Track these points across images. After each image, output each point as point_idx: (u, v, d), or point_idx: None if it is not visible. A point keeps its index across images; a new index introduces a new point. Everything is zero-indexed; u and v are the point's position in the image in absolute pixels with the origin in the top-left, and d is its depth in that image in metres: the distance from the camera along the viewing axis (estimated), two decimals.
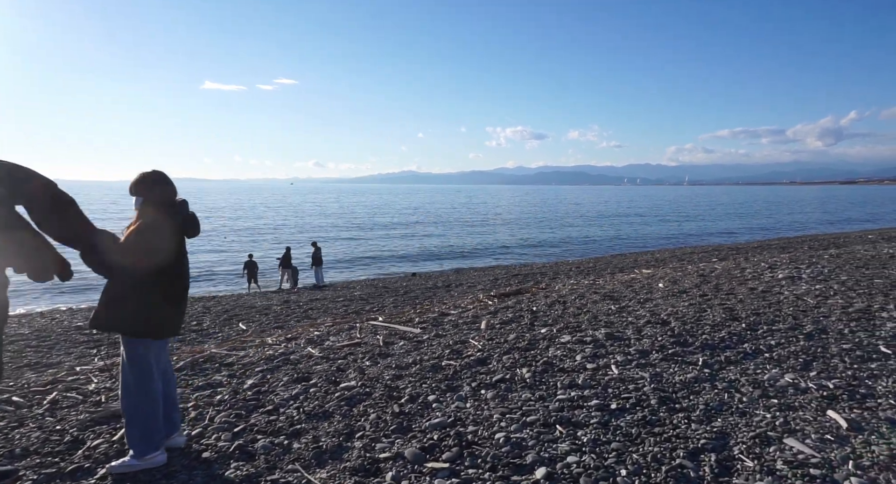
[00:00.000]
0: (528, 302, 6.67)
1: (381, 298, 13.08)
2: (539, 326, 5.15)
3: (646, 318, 5.22)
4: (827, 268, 8.04)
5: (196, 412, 3.06)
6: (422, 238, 32.30)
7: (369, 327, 5.48)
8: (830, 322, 4.79)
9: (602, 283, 8.58)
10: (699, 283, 7.49)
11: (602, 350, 4.18)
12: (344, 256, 24.90)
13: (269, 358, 4.31)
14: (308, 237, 31.86)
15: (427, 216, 51.93)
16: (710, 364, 3.84)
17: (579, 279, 12.03)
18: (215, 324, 10.68)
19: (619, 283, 8.09)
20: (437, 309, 6.63)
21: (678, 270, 9.81)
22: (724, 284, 7.20)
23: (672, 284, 7.59)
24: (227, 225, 41.17)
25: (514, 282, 13.94)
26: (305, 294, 15.05)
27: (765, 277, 7.51)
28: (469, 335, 4.88)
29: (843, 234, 25.87)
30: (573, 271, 15.50)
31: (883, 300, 5.54)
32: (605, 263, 17.75)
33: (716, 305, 5.66)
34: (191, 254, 2.84)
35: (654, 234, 33.92)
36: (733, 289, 6.77)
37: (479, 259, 23.90)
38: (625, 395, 3.27)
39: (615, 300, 6.37)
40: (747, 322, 4.88)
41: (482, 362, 3.99)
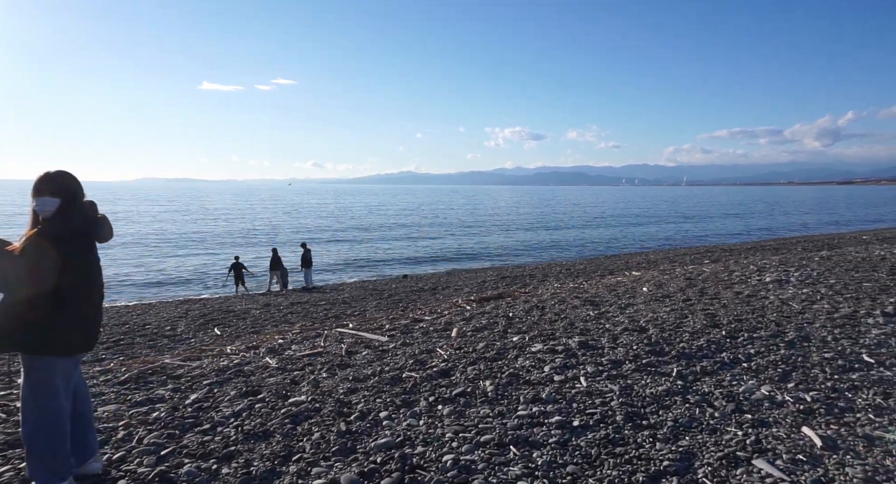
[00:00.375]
0: (507, 307, 6.51)
1: (365, 302, 12.88)
2: (512, 333, 4.98)
3: (624, 324, 5.07)
4: (816, 271, 7.94)
5: (125, 432, 2.86)
6: (418, 239, 32.21)
7: (336, 335, 5.29)
8: (814, 329, 4.66)
9: (586, 286, 8.43)
10: (684, 287, 7.37)
11: (573, 360, 4.02)
12: (339, 258, 24.71)
13: (222, 369, 4.12)
14: (303, 239, 31.73)
15: (424, 217, 51.84)
16: (684, 375, 3.69)
17: (566, 282, 11.89)
18: (190, 329, 10.43)
19: (604, 286, 7.95)
20: (412, 315, 6.45)
21: (666, 272, 9.69)
22: (710, 288, 7.07)
23: (657, 287, 7.46)
24: (218, 227, 40.79)
25: (502, 285, 13.78)
26: (291, 297, 14.83)
27: (752, 281, 7.40)
28: (438, 344, 4.71)
29: (837, 234, 25.96)
30: (563, 274, 15.37)
31: (870, 305, 5.43)
32: (597, 264, 17.64)
33: (698, 311, 5.52)
34: (180, 256, 2.63)
35: (649, 236, 33.93)
36: (718, 293, 6.65)
37: (474, 261, 23.80)
38: (590, 410, 3.11)
39: (595, 305, 6.22)
40: (728, 329, 4.74)
41: (445, 374, 3.82)
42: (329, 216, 54.42)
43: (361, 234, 35.75)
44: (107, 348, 8.83)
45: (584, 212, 61.53)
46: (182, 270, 21.36)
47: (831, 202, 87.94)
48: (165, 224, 43.14)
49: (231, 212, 59.56)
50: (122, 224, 42.79)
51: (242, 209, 66.03)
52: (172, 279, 19.47)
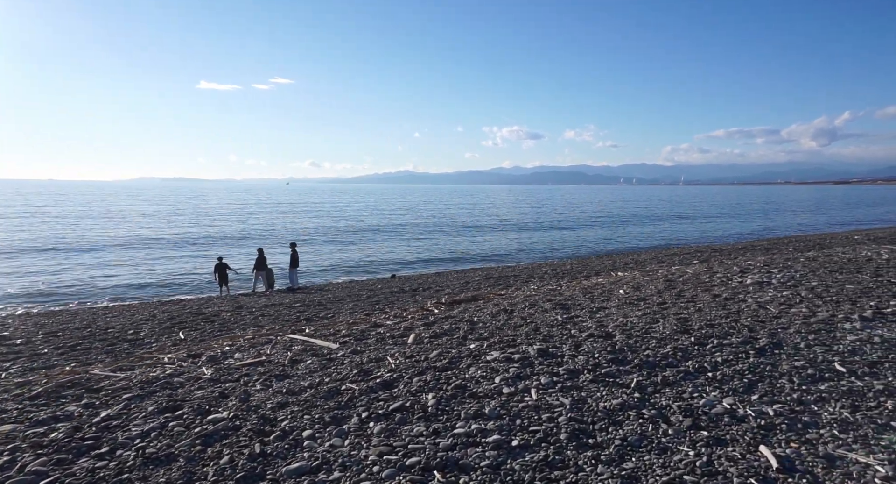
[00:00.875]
0: (475, 311, 6.30)
1: (342, 304, 12.62)
2: (472, 339, 4.77)
3: (590, 330, 4.87)
4: (800, 272, 7.82)
5: (9, 457, 2.61)
6: (412, 240, 32.18)
7: (286, 342, 5.05)
8: (788, 335, 4.49)
9: (563, 288, 8.26)
10: (663, 289, 7.21)
11: (528, 370, 3.81)
12: (331, 258, 24.11)
13: (150, 381, 3.86)
14: (298, 239, 31.63)
15: (420, 217, 51.79)
16: (643, 387, 3.50)
17: (548, 283, 11.71)
18: (153, 333, 10.12)
19: (581, 289, 7.77)
20: (374, 319, 6.22)
21: (649, 273, 9.55)
22: (689, 291, 6.91)
23: (634, 290, 7.29)
24: (211, 227, 40.34)
25: (485, 285, 13.58)
26: (272, 298, 14.58)
27: (733, 283, 7.26)
28: (390, 352, 4.48)
29: (830, 234, 26.08)
30: (549, 274, 15.21)
31: (849, 309, 5.28)
32: (586, 265, 17.50)
33: (670, 315, 5.34)
34: (170, 257, 2.38)
35: (643, 235, 33.94)
36: (696, 296, 6.49)
37: (466, 261, 23.71)
38: (534, 427, 2.90)
39: (566, 309, 6.03)
40: (698, 335, 4.56)
41: (387, 386, 3.60)
42: (325, 216, 54.17)
43: (355, 234, 35.63)
44: (61, 354, 8.52)
45: (580, 212, 61.55)
46: (170, 270, 21.26)
47: (827, 202, 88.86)
48: (158, 224, 42.71)
49: (226, 212, 59.02)
50: (115, 224, 42.58)
51: (237, 209, 65.63)
52: (159, 280, 19.31)
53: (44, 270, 21.06)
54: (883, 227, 31.20)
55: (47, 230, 36.90)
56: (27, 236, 31.65)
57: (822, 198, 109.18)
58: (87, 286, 18.22)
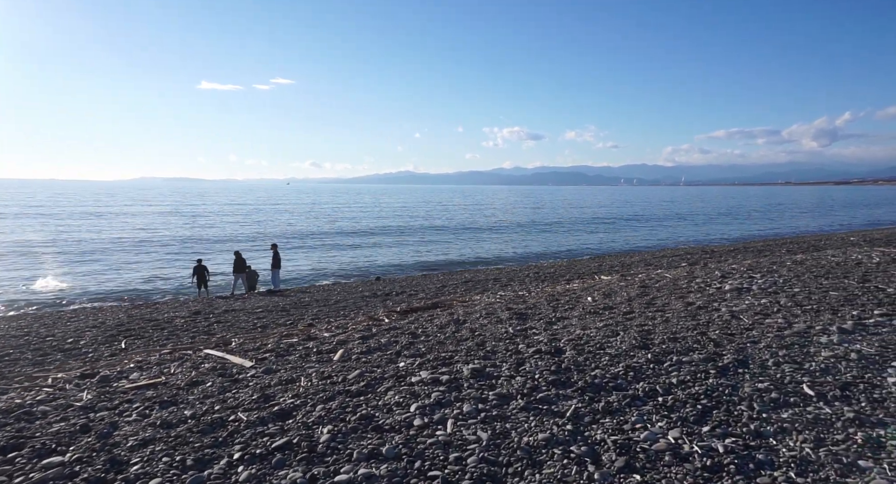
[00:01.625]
0: (426, 321, 5.88)
1: (307, 309, 12.12)
2: (406, 356, 4.34)
3: (540, 344, 4.47)
4: (783, 277, 7.49)
5: None
6: (407, 241, 32.23)
7: (196, 359, 4.59)
8: (757, 350, 4.11)
9: (532, 295, 7.86)
10: (635, 296, 6.83)
11: (454, 395, 3.39)
12: (325, 259, 24.38)
13: (9, 410, 3.39)
14: (293, 240, 31.84)
15: (416, 218, 51.80)
16: (580, 415, 3.09)
17: (526, 287, 11.30)
18: (95, 341, 9.57)
19: (548, 296, 7.38)
20: (313, 331, 5.77)
21: (627, 278, 9.19)
22: (662, 298, 6.54)
23: (604, 297, 6.91)
24: (204, 228, 39.99)
25: (460, 289, 13.15)
26: (250, 301, 14.16)
27: (710, 289, 6.90)
28: (308, 371, 4.05)
29: (826, 235, 25.98)
30: (531, 277, 14.82)
31: (829, 319, 4.93)
32: (571, 267, 17.14)
33: (633, 327, 4.95)
34: (158, 258, 1.92)
35: (638, 237, 33.76)
36: (668, 304, 6.12)
37: (458, 263, 23.63)
38: (433, 471, 2.48)
39: (523, 319, 5.63)
40: (657, 351, 4.17)
41: (284, 416, 3.16)
42: (323, 217, 53.99)
43: (351, 235, 35.60)
44: None
45: (579, 212, 61.32)
46: (157, 271, 21.27)
47: (827, 202, 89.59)
48: (150, 224, 42.28)
49: (223, 212, 58.60)
50: (107, 222, 42.32)
51: (234, 210, 65.48)
52: (141, 281, 19.26)
53: (34, 269, 21.04)
54: (880, 228, 31.24)
55: (36, 229, 36.80)
56: (6, 239, 31.13)
57: (822, 198, 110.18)
58: (68, 288, 18.10)
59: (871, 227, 35.03)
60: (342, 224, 44.75)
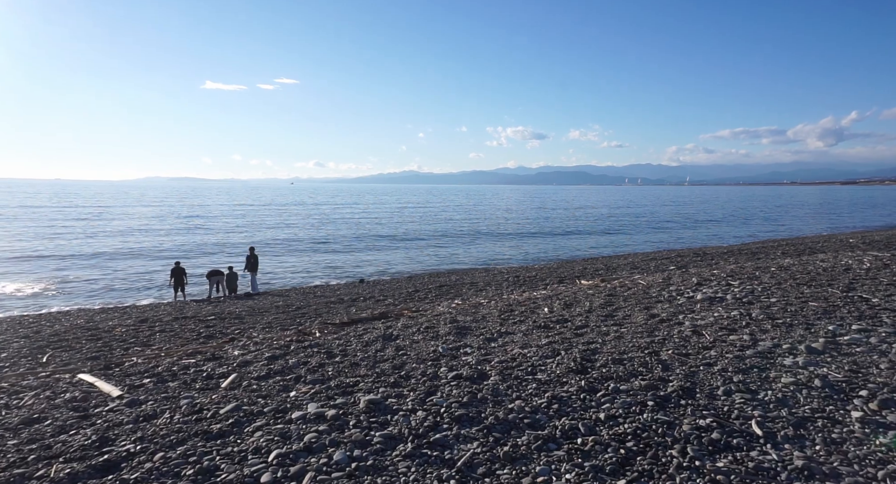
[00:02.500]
0: (356, 335, 5.40)
1: (262, 316, 11.61)
2: (305, 382, 3.86)
3: (465, 367, 4.00)
4: (763, 285, 7.06)
5: None
6: (405, 242, 32.30)
7: (72, 383, 4.08)
8: (709, 375, 3.66)
9: (487, 303, 7.40)
10: (598, 306, 6.38)
11: (333, 436, 2.91)
12: (318, 260, 24.67)
13: None
14: (284, 241, 32.00)
15: (417, 218, 51.73)
16: (474, 465, 2.61)
17: (500, 292, 10.84)
18: (17, 355, 9.02)
19: (504, 306, 6.91)
20: (222, 348, 5.27)
21: (599, 285, 8.73)
22: (625, 309, 6.09)
23: (564, 307, 6.45)
24: (199, 230, 39.64)
25: (430, 295, 12.68)
26: (220, 305, 13.71)
27: (681, 299, 6.45)
28: (182, 401, 3.55)
29: (826, 236, 25.69)
30: (508, 282, 14.36)
31: (800, 335, 4.49)
32: (554, 271, 16.68)
33: (579, 345, 4.49)
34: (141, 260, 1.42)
35: (634, 239, 33.41)
36: (629, 316, 5.66)
37: (449, 263, 23.49)
38: None
39: (462, 335, 5.16)
40: (595, 376, 3.71)
41: (108, 469, 2.66)
42: (321, 217, 53.80)
43: (348, 237, 35.31)
44: None
45: (581, 214, 60.85)
46: (139, 273, 21.61)
47: (832, 203, 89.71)
48: (146, 226, 42.17)
49: (218, 215, 58.44)
50: (100, 223, 42.32)
51: (229, 211, 65.41)
52: (119, 285, 19.35)
53: (17, 273, 21.29)
54: (881, 230, 31.01)
55: (29, 229, 37.08)
56: None
57: (827, 199, 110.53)
58: (45, 291, 18.11)
59: (872, 229, 34.84)
60: (341, 225, 44.98)
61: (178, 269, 16.30)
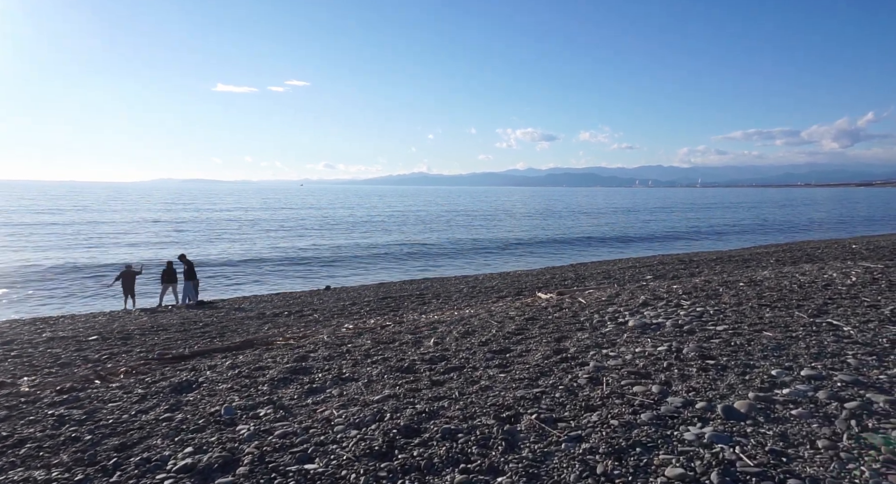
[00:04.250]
0: (162, 378, 4.32)
1: (156, 336, 10.43)
2: None
3: (218, 448, 2.93)
4: (720, 306, 6.04)
5: None
6: (393, 245, 31.42)
7: None
8: (564, 462, 2.60)
9: (382, 329, 6.32)
10: (505, 334, 5.33)
11: None
12: (295, 264, 24.48)
13: None
14: (270, 243, 31.79)
15: (410, 221, 51.19)
16: None
17: (431, 308, 9.72)
18: None
19: (393, 332, 5.84)
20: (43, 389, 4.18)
21: (526, 304, 7.69)
22: (535, 338, 5.05)
23: (462, 336, 5.39)
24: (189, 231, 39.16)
25: (365, 310, 11.56)
26: (156, 317, 12.60)
27: (610, 325, 5.41)
28: None
29: (828, 241, 24.74)
30: (462, 293, 13.24)
31: (729, 386, 3.45)
32: (516, 281, 15.51)
33: (422, 402, 3.43)
34: None
35: (624, 246, 32.40)
36: (530, 351, 4.61)
37: (430, 269, 23.10)
38: None
39: (291, 380, 4.09)
40: (396, 464, 2.64)
41: None
42: (324, 220, 53.25)
43: (334, 240, 34.69)
44: None
45: (585, 219, 59.69)
46: None
47: (846, 205, 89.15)
48: (137, 228, 41.79)
49: (216, 218, 57.85)
50: (90, 226, 41.83)
51: (233, 211, 65.06)
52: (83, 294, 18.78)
53: None
54: (889, 235, 30.07)
55: None
56: None
57: (841, 201, 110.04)
58: None
59: (881, 233, 34.00)
60: (340, 227, 44.91)
61: (129, 272, 15.63)
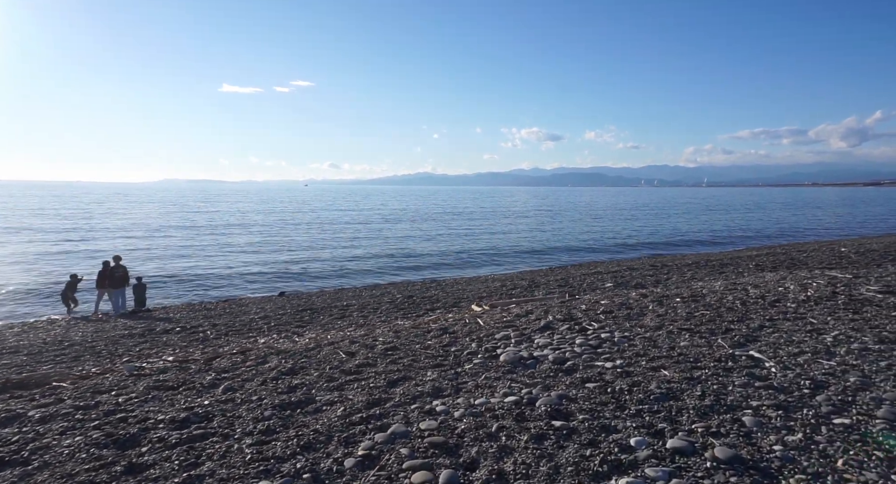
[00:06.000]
0: None
1: (35, 356, 9.36)
2: None
3: None
4: (634, 329, 5.12)
5: None
6: (372, 250, 31.18)
7: None
8: None
9: (236, 355, 5.33)
10: (348, 368, 4.37)
11: None
12: (261, 268, 24.49)
13: None
14: (249, 246, 32.53)
15: (399, 224, 50.68)
16: None
17: (349, 321, 8.71)
18: None
19: (246, 357, 4.85)
20: None
21: (421, 324, 6.72)
22: (371, 377, 4.08)
23: (281, 376, 4.41)
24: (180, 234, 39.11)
25: (298, 319, 10.51)
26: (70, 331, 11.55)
27: (477, 358, 4.46)
28: None
29: (815, 243, 24.10)
30: (393, 303, 12.24)
31: (560, 464, 2.51)
32: (455, 290, 14.37)
33: None
34: None
35: (603, 247, 31.63)
36: (342, 398, 3.65)
37: (399, 274, 22.83)
38: None
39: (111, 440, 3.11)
40: None
41: None
42: (313, 223, 52.50)
43: (322, 241, 35.11)
44: None
45: (582, 227, 58.77)
46: None
47: (851, 204, 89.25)
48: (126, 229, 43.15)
49: (219, 216, 57.50)
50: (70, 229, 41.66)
51: (229, 213, 64.78)
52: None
53: None
54: (885, 236, 29.46)
55: None
56: None
57: (845, 200, 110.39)
58: None
59: (878, 233, 33.53)
60: (328, 228, 45.17)
61: (73, 280, 15.18)
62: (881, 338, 4.39)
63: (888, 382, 3.46)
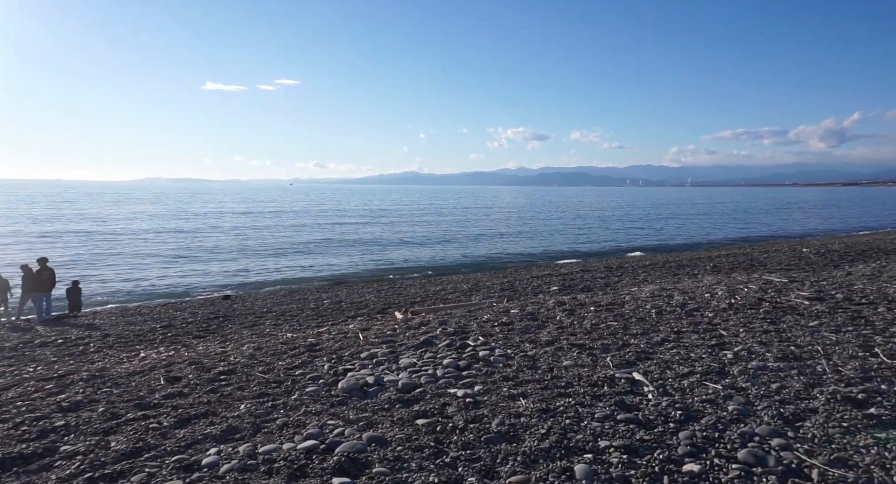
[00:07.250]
0: None
1: None
2: None
3: None
4: (522, 346, 4.60)
5: None
6: (347, 251, 29.83)
7: None
8: None
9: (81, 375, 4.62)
10: (156, 399, 3.72)
11: None
12: (224, 268, 23.72)
13: None
14: (227, 245, 31.01)
15: (383, 224, 49.24)
16: None
17: (262, 329, 8.01)
18: None
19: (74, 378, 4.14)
20: None
21: (392, 321, 6.11)
22: (166, 414, 3.45)
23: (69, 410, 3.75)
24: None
25: (237, 323, 9.74)
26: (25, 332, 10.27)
27: (321, 383, 3.85)
28: None
29: (780, 243, 24.30)
30: (317, 310, 11.58)
31: None
32: (404, 291, 13.88)
33: None
34: None
35: (576, 247, 31.46)
36: None
37: (360, 274, 21.73)
38: None
39: None
40: None
41: None
42: (295, 222, 50.66)
43: (301, 242, 33.48)
44: None
45: (569, 224, 58.51)
46: None
47: (828, 204, 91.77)
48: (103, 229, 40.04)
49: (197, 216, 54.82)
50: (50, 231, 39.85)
51: (211, 213, 62.08)
52: None
53: None
54: (855, 234, 30.05)
55: None
56: None
57: (824, 200, 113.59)
58: None
59: (848, 232, 34.23)
60: (306, 230, 43.26)
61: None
62: (785, 354, 3.95)
63: (769, 409, 2.99)
